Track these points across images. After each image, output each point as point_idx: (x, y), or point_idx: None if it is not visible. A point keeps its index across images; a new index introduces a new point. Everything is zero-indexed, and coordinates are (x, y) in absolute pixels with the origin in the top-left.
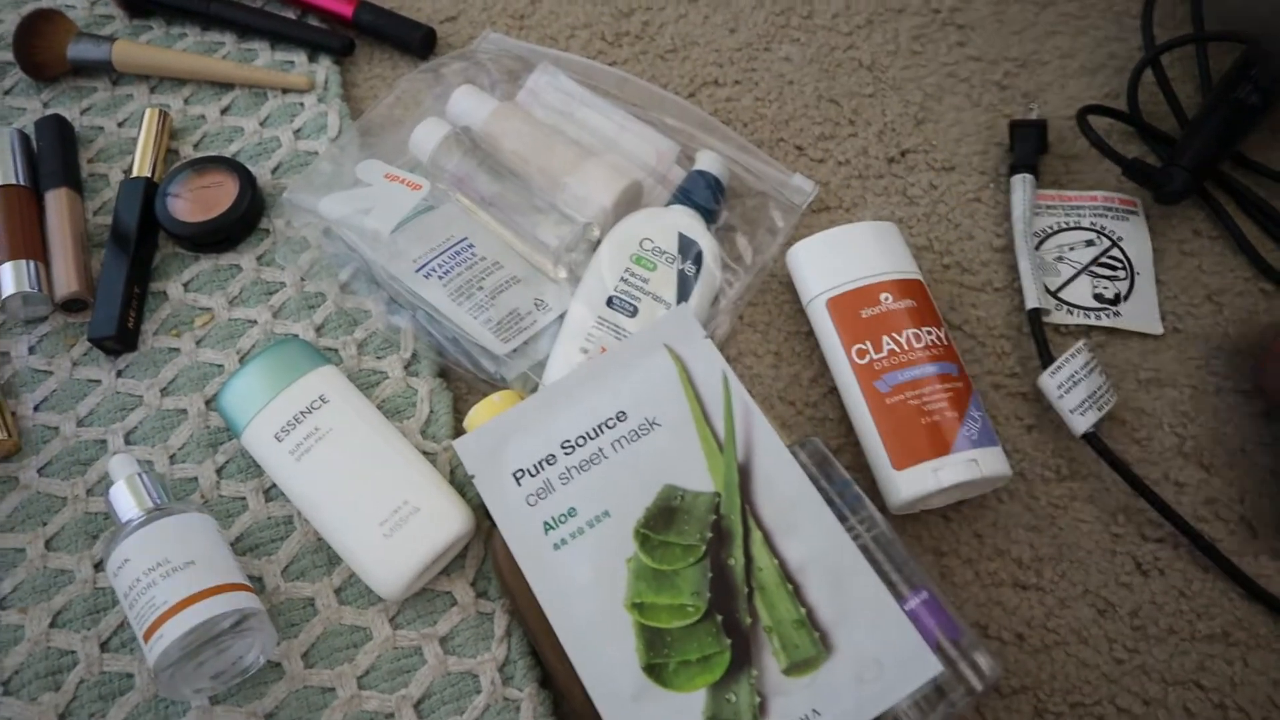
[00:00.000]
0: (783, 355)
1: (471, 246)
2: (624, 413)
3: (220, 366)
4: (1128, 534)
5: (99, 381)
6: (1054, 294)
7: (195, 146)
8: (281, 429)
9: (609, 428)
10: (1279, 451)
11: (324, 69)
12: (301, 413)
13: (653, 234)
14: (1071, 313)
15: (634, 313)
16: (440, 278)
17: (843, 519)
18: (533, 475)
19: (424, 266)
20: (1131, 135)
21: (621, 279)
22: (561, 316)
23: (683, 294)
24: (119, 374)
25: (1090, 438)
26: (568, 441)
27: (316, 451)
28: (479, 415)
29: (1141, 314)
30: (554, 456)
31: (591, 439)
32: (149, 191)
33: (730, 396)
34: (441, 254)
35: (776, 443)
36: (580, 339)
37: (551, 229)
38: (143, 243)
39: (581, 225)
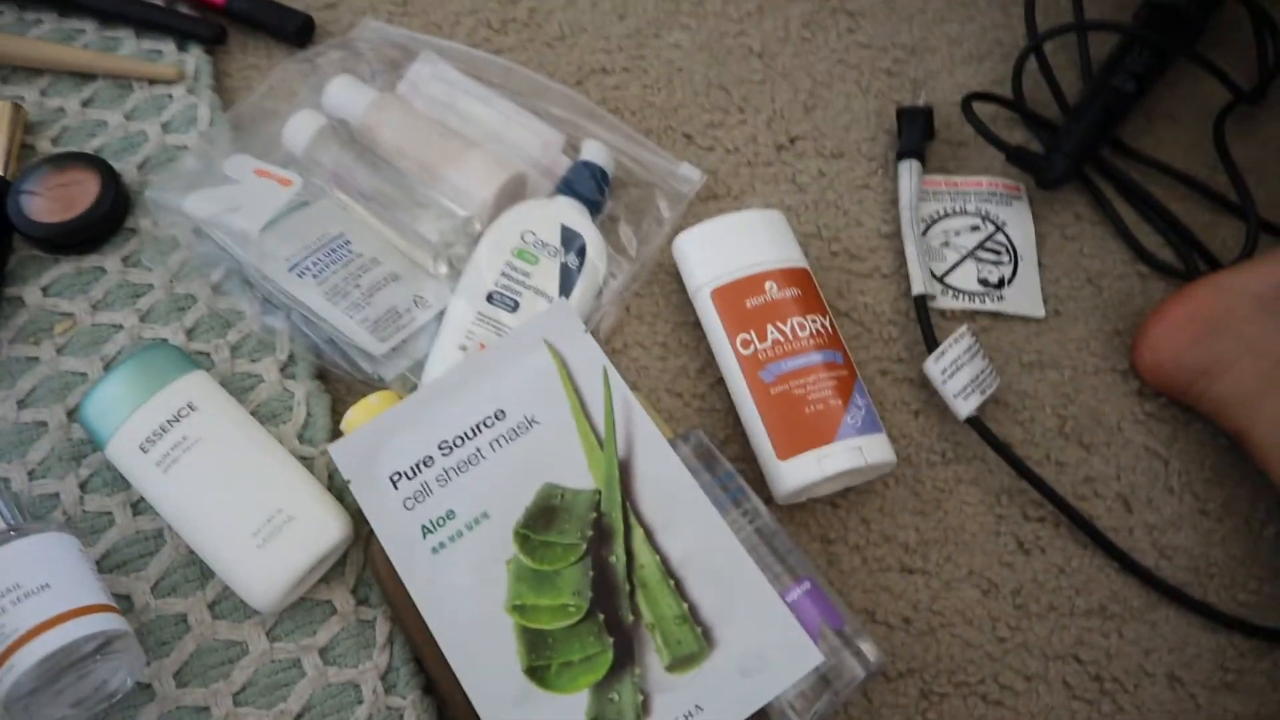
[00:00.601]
0: (670, 346)
1: (348, 244)
2: (503, 411)
3: (83, 375)
4: (1010, 515)
5: None
6: (940, 279)
7: (54, 142)
8: (147, 439)
9: (487, 427)
10: (1151, 428)
11: (194, 59)
12: (168, 421)
13: (535, 226)
14: (957, 297)
15: (515, 308)
16: (314, 276)
17: (725, 512)
18: (410, 478)
19: (297, 265)
20: (1016, 121)
21: (502, 273)
22: (442, 314)
23: (565, 287)
24: None
25: (973, 422)
26: (445, 442)
27: (185, 461)
28: (356, 418)
29: (1024, 298)
30: (431, 458)
31: (469, 439)
32: (1, 191)
33: (610, 392)
34: (316, 252)
35: (657, 437)
36: (459, 336)
37: (432, 223)
38: None
39: (462, 219)
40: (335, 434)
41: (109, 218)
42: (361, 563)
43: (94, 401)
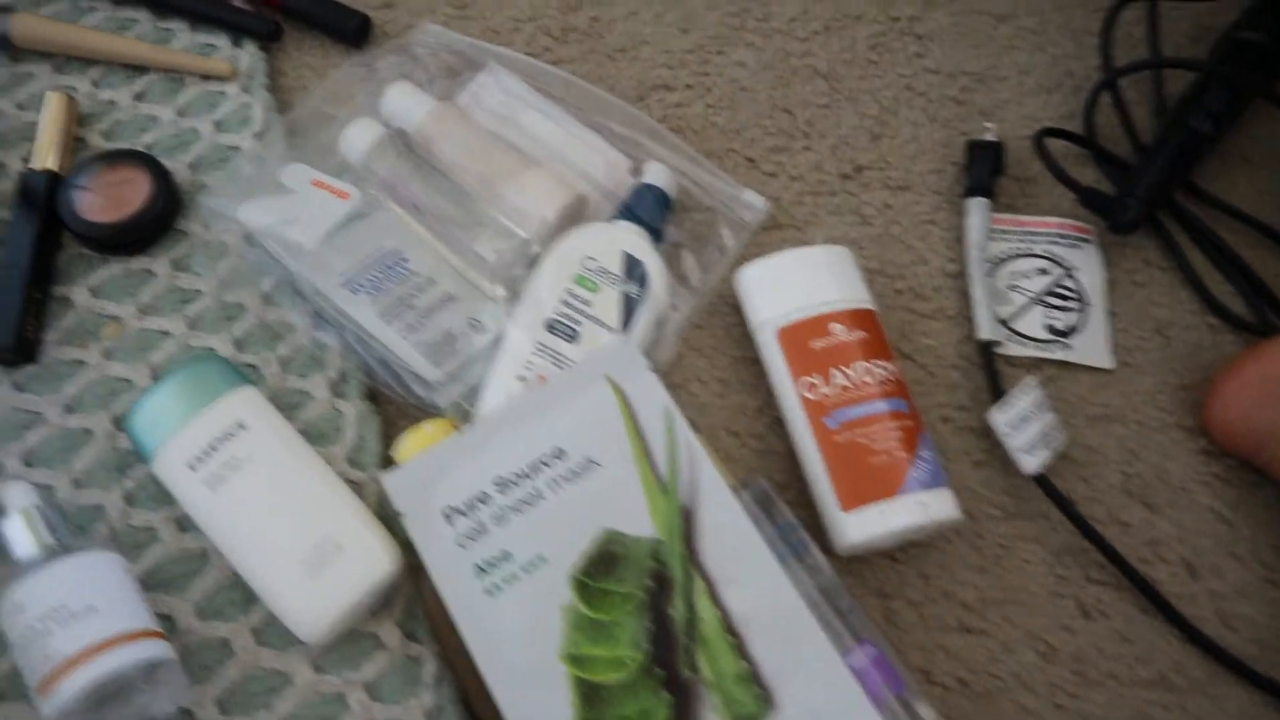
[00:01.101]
0: (729, 383)
1: (404, 260)
2: (562, 450)
3: (129, 382)
4: (1072, 576)
5: None
6: (1006, 324)
7: (105, 136)
8: (196, 457)
9: (546, 465)
10: (1218, 490)
11: (248, 55)
12: (218, 439)
13: (596, 252)
14: (1023, 344)
15: (574, 337)
16: (369, 294)
17: (787, 566)
18: (465, 515)
19: (351, 281)
20: (1086, 158)
21: (562, 301)
22: (498, 339)
23: (626, 318)
24: (17, 388)
25: (1040, 479)
26: (502, 479)
27: (234, 482)
28: (409, 446)
29: (1093, 348)
30: (488, 495)
31: (527, 477)
32: (52, 186)
33: (674, 435)
34: (371, 268)
35: (722, 486)
36: (518, 366)
37: (489, 243)
38: (44, 242)
39: (521, 240)
40: (386, 458)
41: (160, 219)
42: (411, 596)
43: (142, 413)
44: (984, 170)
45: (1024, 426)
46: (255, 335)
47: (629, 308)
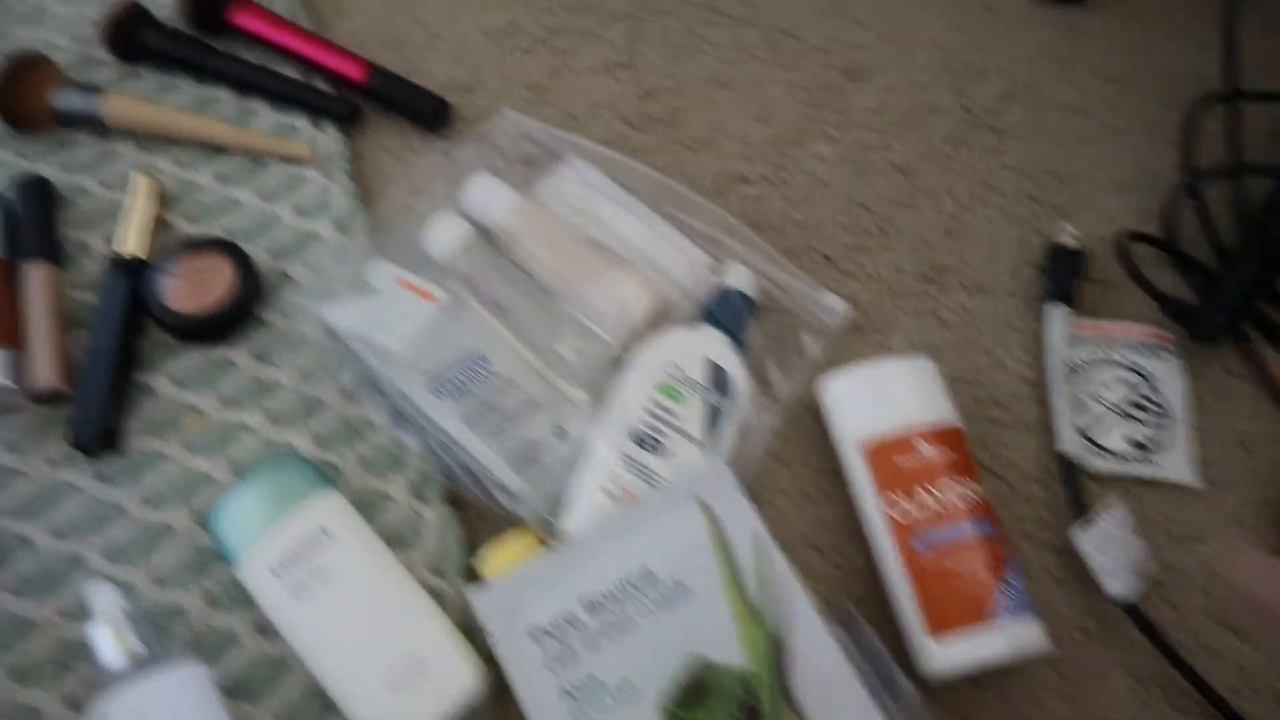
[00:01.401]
0: (810, 495)
1: (486, 362)
2: (652, 573)
3: (210, 476)
4: (1156, 704)
5: (77, 487)
6: (1087, 436)
7: (188, 218)
8: (280, 563)
9: (636, 589)
10: None
11: (328, 137)
12: (302, 546)
13: (681, 359)
14: (1105, 458)
15: (660, 450)
16: (453, 399)
17: (877, 697)
18: (553, 637)
19: (436, 384)
20: (1165, 260)
21: (647, 410)
22: (582, 447)
23: (711, 430)
24: (99, 478)
25: (1127, 607)
26: (591, 601)
27: (318, 592)
28: (494, 561)
29: (1176, 464)
30: (576, 617)
31: (617, 600)
32: (137, 273)
33: (765, 561)
34: (455, 369)
35: (814, 616)
36: (603, 480)
37: (571, 343)
38: (129, 329)
39: (604, 342)
40: (467, 567)
41: (242, 309)
42: (495, 716)
43: (225, 513)
44: (1064, 276)
45: (1109, 549)
46: (335, 431)
47: (714, 418)
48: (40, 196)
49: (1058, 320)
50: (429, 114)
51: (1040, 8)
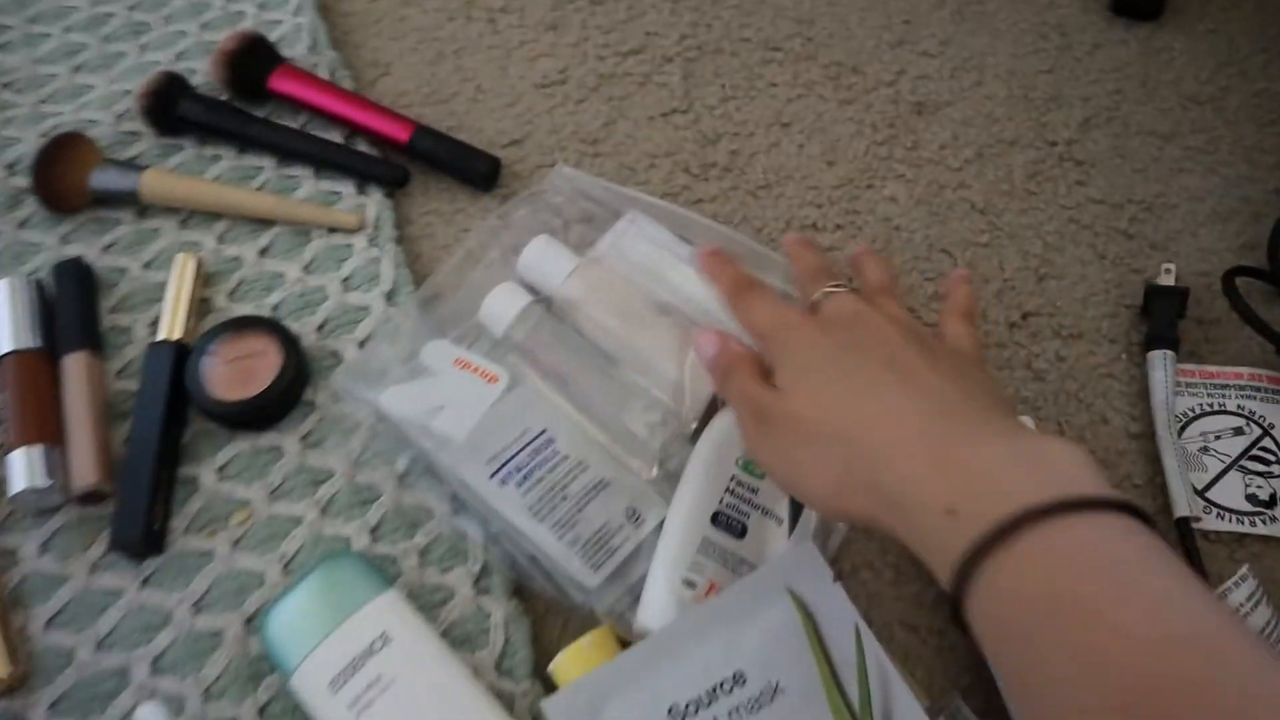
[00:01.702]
0: (902, 569)
1: (552, 441)
2: (742, 674)
3: (261, 576)
4: None
5: (121, 592)
6: (1202, 494)
7: (230, 295)
8: (338, 675)
9: (725, 692)
10: None
11: (375, 204)
12: (361, 655)
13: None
14: (1223, 517)
15: (743, 532)
16: (518, 485)
17: None
18: None
19: (499, 470)
20: (1272, 293)
21: (727, 489)
22: (658, 531)
23: (798, 507)
24: (144, 582)
25: None
26: (677, 708)
27: (379, 705)
28: (568, 665)
29: None
30: None
31: (705, 706)
32: (180, 358)
33: (864, 654)
34: (518, 452)
35: (918, 711)
36: (683, 568)
37: (641, 416)
38: (172, 420)
39: (678, 416)
40: (538, 665)
41: (289, 393)
42: None
43: (278, 622)
44: (1166, 318)
45: None
46: (391, 522)
47: None
48: (79, 281)
49: (1162, 368)
50: (479, 173)
51: (1116, 28)
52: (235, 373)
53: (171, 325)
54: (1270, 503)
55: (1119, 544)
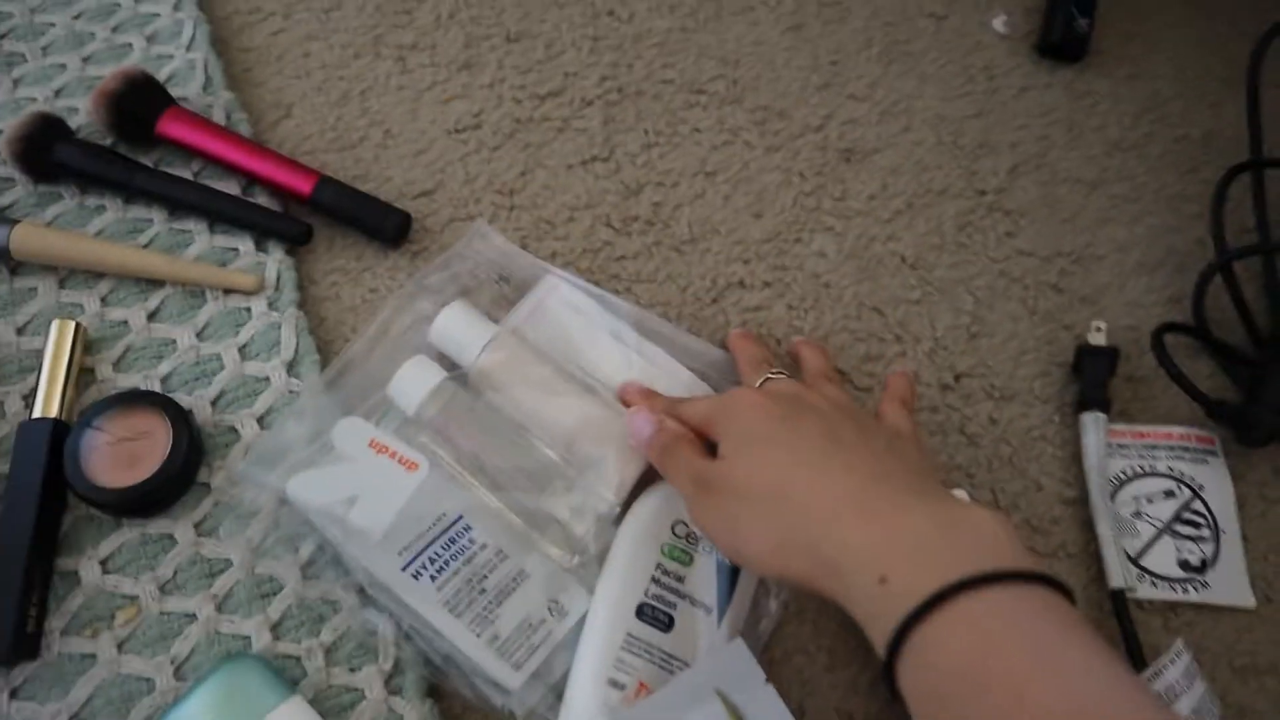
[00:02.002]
0: (836, 654)
1: (468, 529)
2: None
3: (150, 682)
4: None
5: None
6: (1135, 560)
7: (115, 365)
8: None
9: None
10: None
11: (275, 262)
12: None
13: (686, 515)
14: (1156, 585)
15: (670, 624)
16: (432, 578)
17: None
18: None
19: (412, 562)
20: (1197, 348)
21: (652, 579)
22: (581, 624)
23: (726, 593)
24: (13, 694)
25: None
26: None
27: None
28: None
29: (1230, 584)
30: None
31: None
32: (57, 437)
33: None
34: (432, 543)
35: None
36: (608, 667)
37: (561, 500)
38: (48, 506)
39: (602, 498)
40: None
41: (181, 477)
42: None
43: None
44: (1097, 379)
45: (1175, 702)
46: (295, 617)
47: (729, 580)
48: None
49: (1094, 431)
50: (388, 229)
51: (1042, 71)
52: (120, 454)
53: (48, 400)
54: (1201, 568)
55: (1038, 617)
